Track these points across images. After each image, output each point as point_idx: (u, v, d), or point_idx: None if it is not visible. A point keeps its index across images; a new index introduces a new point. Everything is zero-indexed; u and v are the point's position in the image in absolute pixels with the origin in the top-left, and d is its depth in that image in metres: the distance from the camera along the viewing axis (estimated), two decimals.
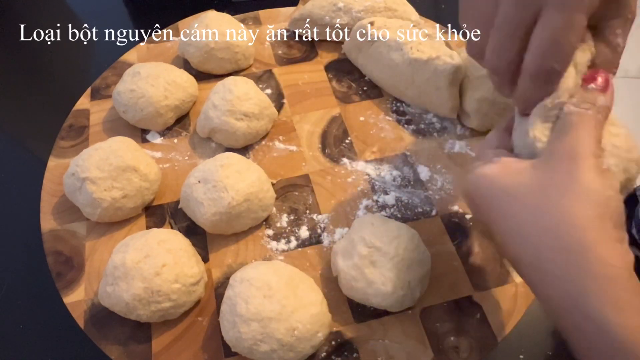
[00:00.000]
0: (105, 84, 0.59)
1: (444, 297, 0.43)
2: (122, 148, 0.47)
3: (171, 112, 0.54)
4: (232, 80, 0.52)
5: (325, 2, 0.60)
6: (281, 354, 0.37)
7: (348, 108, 0.57)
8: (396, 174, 0.51)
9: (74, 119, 0.56)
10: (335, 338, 0.41)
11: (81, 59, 0.68)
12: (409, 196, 0.50)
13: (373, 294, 0.40)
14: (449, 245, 0.46)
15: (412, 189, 0.50)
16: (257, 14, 0.66)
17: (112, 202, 0.45)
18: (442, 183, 0.50)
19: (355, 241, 0.41)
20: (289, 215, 0.49)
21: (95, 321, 0.42)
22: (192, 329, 0.42)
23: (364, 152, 0.53)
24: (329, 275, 0.44)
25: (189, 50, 0.57)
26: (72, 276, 0.45)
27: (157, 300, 0.39)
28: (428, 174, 0.51)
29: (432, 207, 0.49)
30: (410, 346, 0.41)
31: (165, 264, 0.40)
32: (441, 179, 0.51)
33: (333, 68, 0.61)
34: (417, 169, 0.51)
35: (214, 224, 0.44)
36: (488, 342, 0.41)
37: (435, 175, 0.51)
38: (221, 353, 0.40)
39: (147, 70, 0.53)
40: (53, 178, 0.51)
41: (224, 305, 0.40)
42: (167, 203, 0.50)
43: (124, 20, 0.72)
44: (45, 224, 0.48)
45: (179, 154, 0.53)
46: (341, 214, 0.48)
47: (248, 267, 0.41)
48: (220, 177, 0.44)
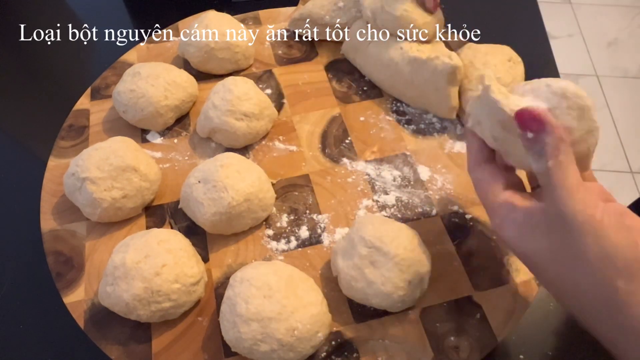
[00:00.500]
0: (105, 84, 0.59)
1: (444, 297, 0.43)
2: (122, 148, 0.47)
3: (171, 112, 0.54)
4: (232, 80, 0.52)
5: (326, 1, 0.60)
6: (281, 354, 0.37)
7: (348, 108, 0.57)
8: (396, 174, 0.51)
9: (74, 119, 0.56)
10: (335, 338, 0.41)
11: (81, 59, 0.68)
12: (409, 196, 0.50)
13: (373, 294, 0.40)
14: (449, 245, 0.46)
15: (412, 189, 0.50)
16: (257, 14, 0.66)
17: (112, 202, 0.45)
18: (442, 183, 0.50)
19: (355, 241, 0.41)
20: (289, 215, 0.49)
21: (95, 321, 0.42)
22: (192, 329, 0.42)
23: (364, 152, 0.53)
24: (329, 275, 0.44)
25: (189, 50, 0.57)
26: (72, 276, 0.45)
27: (157, 300, 0.39)
28: (428, 174, 0.51)
29: (432, 207, 0.49)
30: (410, 346, 0.41)
31: (165, 264, 0.40)
32: (441, 179, 0.51)
33: (333, 68, 0.61)
34: (417, 169, 0.51)
35: (214, 224, 0.44)
36: (488, 342, 0.41)
37: (435, 175, 0.51)
38: (221, 353, 0.41)
39: (147, 70, 0.53)
40: (53, 178, 0.51)
41: (224, 305, 0.40)
42: (167, 203, 0.50)
43: (124, 20, 0.72)
44: (45, 224, 0.48)
45: (179, 154, 0.53)
46: (341, 214, 0.48)
47: (248, 267, 0.41)
48: (220, 177, 0.44)
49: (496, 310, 0.42)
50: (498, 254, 0.45)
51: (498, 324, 0.42)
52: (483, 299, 0.43)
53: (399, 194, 0.50)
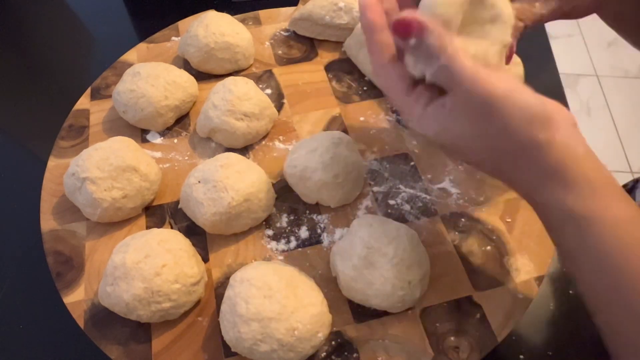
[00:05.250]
0: (105, 84, 0.59)
1: (444, 297, 0.43)
2: (122, 148, 0.47)
3: (171, 112, 0.54)
4: (232, 80, 0.52)
5: (326, 2, 0.60)
6: (281, 354, 0.37)
7: (348, 108, 0.57)
8: (396, 174, 0.51)
9: (74, 119, 0.56)
10: (335, 338, 0.41)
11: (81, 59, 0.68)
12: (409, 196, 0.50)
13: (373, 295, 0.40)
14: (449, 245, 0.46)
15: (412, 189, 0.50)
16: (257, 14, 0.66)
17: (112, 202, 0.45)
18: (442, 183, 0.50)
19: (354, 242, 0.41)
20: (289, 215, 0.49)
21: (95, 321, 0.42)
22: (192, 329, 0.42)
23: (364, 152, 0.53)
24: (329, 275, 0.44)
25: (189, 50, 0.57)
26: (72, 276, 0.45)
27: (157, 300, 0.39)
28: (428, 174, 0.51)
29: (432, 207, 0.49)
30: (410, 346, 0.41)
31: (165, 264, 0.40)
32: (441, 179, 0.51)
33: (333, 68, 0.61)
34: (417, 169, 0.51)
35: (214, 224, 0.44)
36: (488, 342, 0.41)
37: (435, 175, 0.51)
38: (221, 353, 0.41)
39: (147, 70, 0.53)
40: (53, 178, 0.51)
41: (224, 305, 0.40)
42: (167, 203, 0.50)
43: (124, 20, 0.72)
44: (45, 224, 0.48)
45: (179, 154, 0.53)
46: (341, 214, 0.48)
47: (248, 267, 0.41)
48: (220, 177, 0.44)
49: (496, 310, 0.42)
50: (498, 254, 0.45)
51: (498, 324, 0.42)
52: (483, 299, 0.43)
53: (398, 194, 0.50)
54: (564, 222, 0.30)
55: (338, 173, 0.46)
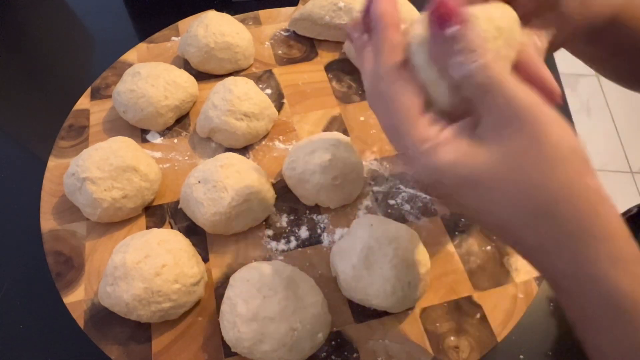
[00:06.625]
0: (105, 84, 0.59)
1: (444, 297, 0.43)
2: (122, 148, 0.47)
3: (171, 112, 0.54)
4: (232, 80, 0.52)
5: (326, 2, 0.60)
6: (281, 354, 0.37)
7: (348, 108, 0.57)
8: (396, 174, 0.51)
9: (74, 119, 0.56)
10: (335, 338, 0.41)
11: (81, 59, 0.68)
12: (409, 196, 0.50)
13: (373, 295, 0.40)
14: (449, 245, 0.46)
15: (412, 189, 0.50)
16: (257, 14, 0.66)
17: (112, 202, 0.45)
18: None
19: (354, 242, 0.41)
20: (289, 215, 0.49)
21: (95, 321, 0.42)
22: (192, 329, 0.42)
23: (364, 152, 0.53)
24: (329, 275, 0.44)
25: (189, 50, 0.57)
26: (72, 276, 0.45)
27: (157, 300, 0.39)
28: None
29: (432, 207, 0.49)
30: (410, 346, 0.41)
31: (166, 264, 0.40)
32: None
33: (333, 68, 0.61)
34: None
35: (214, 224, 0.44)
36: (488, 342, 0.41)
37: None
38: (221, 353, 0.41)
39: (147, 70, 0.53)
40: (53, 178, 0.51)
41: (224, 305, 0.40)
42: (167, 203, 0.50)
43: (124, 20, 0.72)
44: (45, 224, 0.48)
45: (179, 154, 0.53)
46: (341, 214, 0.48)
47: (248, 267, 0.41)
48: (220, 177, 0.44)
49: (496, 310, 0.42)
50: (498, 254, 0.45)
51: (498, 324, 0.42)
52: (483, 299, 0.43)
53: (399, 194, 0.50)
54: (606, 310, 0.23)
55: (337, 175, 0.46)
